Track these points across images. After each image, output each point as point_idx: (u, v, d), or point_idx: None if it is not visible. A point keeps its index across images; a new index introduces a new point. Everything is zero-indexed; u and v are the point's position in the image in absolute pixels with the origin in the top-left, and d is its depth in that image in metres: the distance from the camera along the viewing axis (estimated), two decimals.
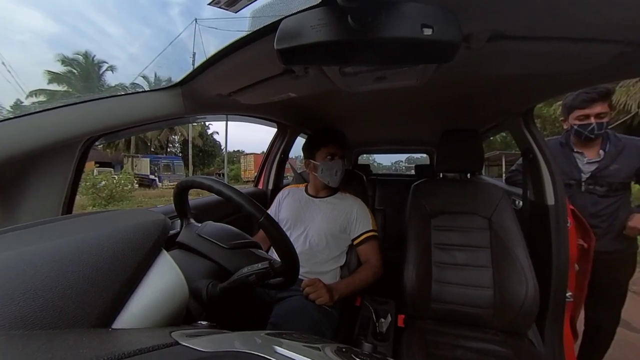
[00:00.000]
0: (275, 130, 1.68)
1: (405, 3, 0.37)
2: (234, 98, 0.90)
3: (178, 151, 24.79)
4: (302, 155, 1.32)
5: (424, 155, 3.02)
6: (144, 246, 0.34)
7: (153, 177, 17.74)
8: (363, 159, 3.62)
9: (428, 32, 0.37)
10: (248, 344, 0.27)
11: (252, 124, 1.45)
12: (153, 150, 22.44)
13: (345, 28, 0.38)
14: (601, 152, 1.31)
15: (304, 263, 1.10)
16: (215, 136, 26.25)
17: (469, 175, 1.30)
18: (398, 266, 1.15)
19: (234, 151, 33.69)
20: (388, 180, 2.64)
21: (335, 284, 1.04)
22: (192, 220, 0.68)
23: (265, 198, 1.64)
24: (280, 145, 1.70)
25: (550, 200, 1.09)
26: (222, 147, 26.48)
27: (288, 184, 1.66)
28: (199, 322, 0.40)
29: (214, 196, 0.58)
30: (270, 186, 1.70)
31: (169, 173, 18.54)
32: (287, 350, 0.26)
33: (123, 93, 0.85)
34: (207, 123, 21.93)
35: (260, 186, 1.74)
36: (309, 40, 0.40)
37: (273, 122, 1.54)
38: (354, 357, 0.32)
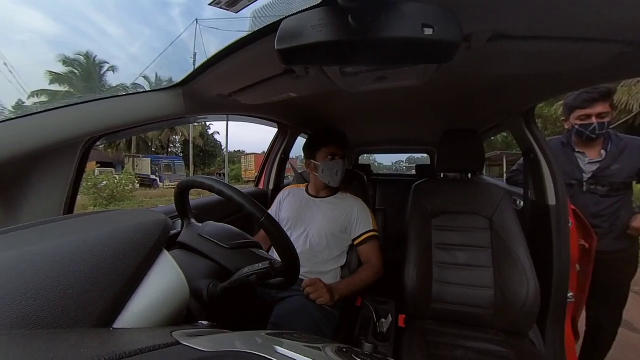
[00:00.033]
0: (276, 130, 1.68)
1: (405, 3, 0.37)
2: (235, 98, 0.90)
3: (179, 151, 24.81)
4: (303, 155, 1.32)
5: (425, 155, 3.02)
6: (145, 246, 0.34)
7: (154, 177, 17.76)
8: (364, 159, 3.62)
9: (429, 32, 0.37)
10: (249, 344, 0.27)
11: (253, 124, 1.46)
12: (154, 150, 22.47)
13: (345, 28, 0.38)
14: (603, 152, 1.31)
15: (305, 263, 1.10)
16: (216, 136, 26.33)
17: (470, 175, 1.30)
18: (399, 266, 1.15)
19: (235, 151, 33.79)
20: (389, 180, 2.64)
21: (335, 284, 1.04)
22: (193, 220, 0.68)
23: (266, 198, 1.65)
24: (281, 145, 1.70)
25: (551, 200, 1.09)
26: (223, 147, 26.57)
27: (289, 184, 1.66)
28: (200, 322, 0.41)
29: (215, 196, 0.58)
30: (271, 186, 1.70)
31: (170, 173, 18.58)
32: (288, 350, 0.26)
33: (124, 93, 0.85)
34: (208, 123, 21.99)
35: (261, 186, 1.74)
36: (310, 40, 0.40)
37: (274, 122, 1.54)
38: (355, 357, 0.32)
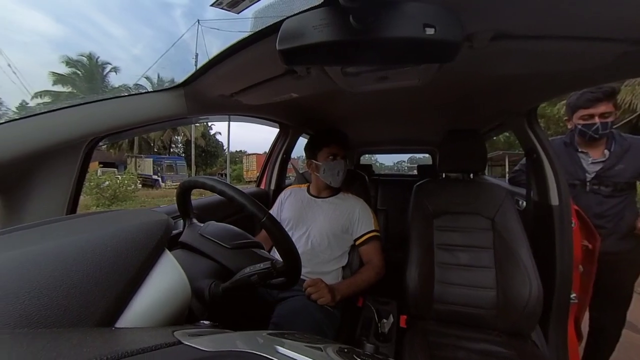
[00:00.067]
0: (277, 130, 1.68)
1: (407, 3, 0.37)
2: (236, 99, 0.91)
3: (181, 151, 24.87)
4: (304, 155, 1.32)
5: (427, 155, 3.01)
6: (147, 246, 0.34)
7: (156, 177, 17.81)
8: (365, 159, 3.62)
9: (430, 32, 0.37)
10: (250, 344, 0.27)
11: (255, 125, 1.46)
12: (156, 150, 22.54)
13: (347, 28, 0.38)
14: (606, 152, 1.30)
15: (306, 263, 1.10)
16: (217, 136, 26.37)
17: (472, 175, 1.30)
18: (400, 266, 1.14)
19: (237, 151, 33.82)
20: (390, 180, 2.63)
21: (337, 284, 1.04)
22: (195, 220, 0.68)
23: (267, 198, 1.65)
24: (282, 145, 1.70)
25: (554, 200, 1.08)
26: (225, 148, 26.60)
27: (290, 184, 1.66)
28: (202, 322, 0.41)
29: (217, 196, 0.58)
30: (272, 186, 1.70)
31: (172, 173, 18.63)
32: (289, 350, 0.26)
33: (126, 94, 0.86)
34: (210, 123, 22.04)
35: (262, 186, 1.75)
36: (311, 40, 0.40)
37: (275, 123, 1.54)
38: (356, 358, 0.32)
